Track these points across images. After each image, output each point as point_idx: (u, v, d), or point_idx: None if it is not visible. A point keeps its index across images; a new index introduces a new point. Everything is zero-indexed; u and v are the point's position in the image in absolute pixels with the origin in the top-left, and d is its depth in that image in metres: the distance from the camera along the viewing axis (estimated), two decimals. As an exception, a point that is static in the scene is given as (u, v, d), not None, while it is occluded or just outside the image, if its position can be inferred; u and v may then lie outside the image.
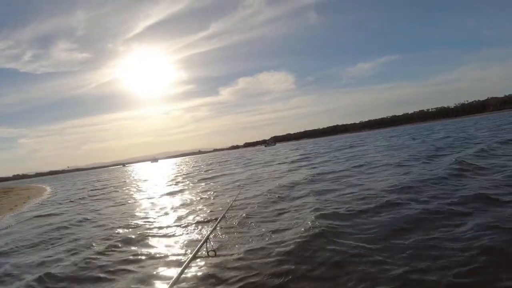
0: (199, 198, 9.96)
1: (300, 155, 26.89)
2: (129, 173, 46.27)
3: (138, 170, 53.23)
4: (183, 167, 36.52)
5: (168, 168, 42.78)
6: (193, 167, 34.30)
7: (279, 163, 20.57)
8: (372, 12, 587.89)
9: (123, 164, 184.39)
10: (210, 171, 23.28)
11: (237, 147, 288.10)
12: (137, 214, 8.62)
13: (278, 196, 8.07)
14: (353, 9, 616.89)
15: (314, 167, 14.80)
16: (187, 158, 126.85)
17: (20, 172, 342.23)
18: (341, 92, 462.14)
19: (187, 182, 16.14)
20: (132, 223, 7.23)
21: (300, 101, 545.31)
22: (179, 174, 24.14)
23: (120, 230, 6.68)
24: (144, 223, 7.10)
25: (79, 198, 15.66)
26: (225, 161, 38.50)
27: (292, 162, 19.99)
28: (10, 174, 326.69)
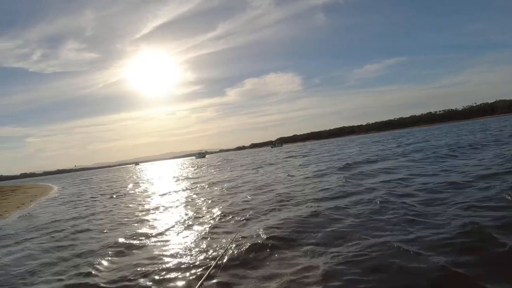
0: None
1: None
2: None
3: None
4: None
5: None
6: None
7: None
8: (379, 14, 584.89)
9: (136, 163, 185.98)
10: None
11: (243, 148, 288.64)
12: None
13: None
14: (361, 11, 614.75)
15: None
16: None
17: (27, 171, 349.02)
18: (347, 93, 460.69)
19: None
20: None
21: (307, 102, 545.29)
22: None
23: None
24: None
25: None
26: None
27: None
28: (17, 173, 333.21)
